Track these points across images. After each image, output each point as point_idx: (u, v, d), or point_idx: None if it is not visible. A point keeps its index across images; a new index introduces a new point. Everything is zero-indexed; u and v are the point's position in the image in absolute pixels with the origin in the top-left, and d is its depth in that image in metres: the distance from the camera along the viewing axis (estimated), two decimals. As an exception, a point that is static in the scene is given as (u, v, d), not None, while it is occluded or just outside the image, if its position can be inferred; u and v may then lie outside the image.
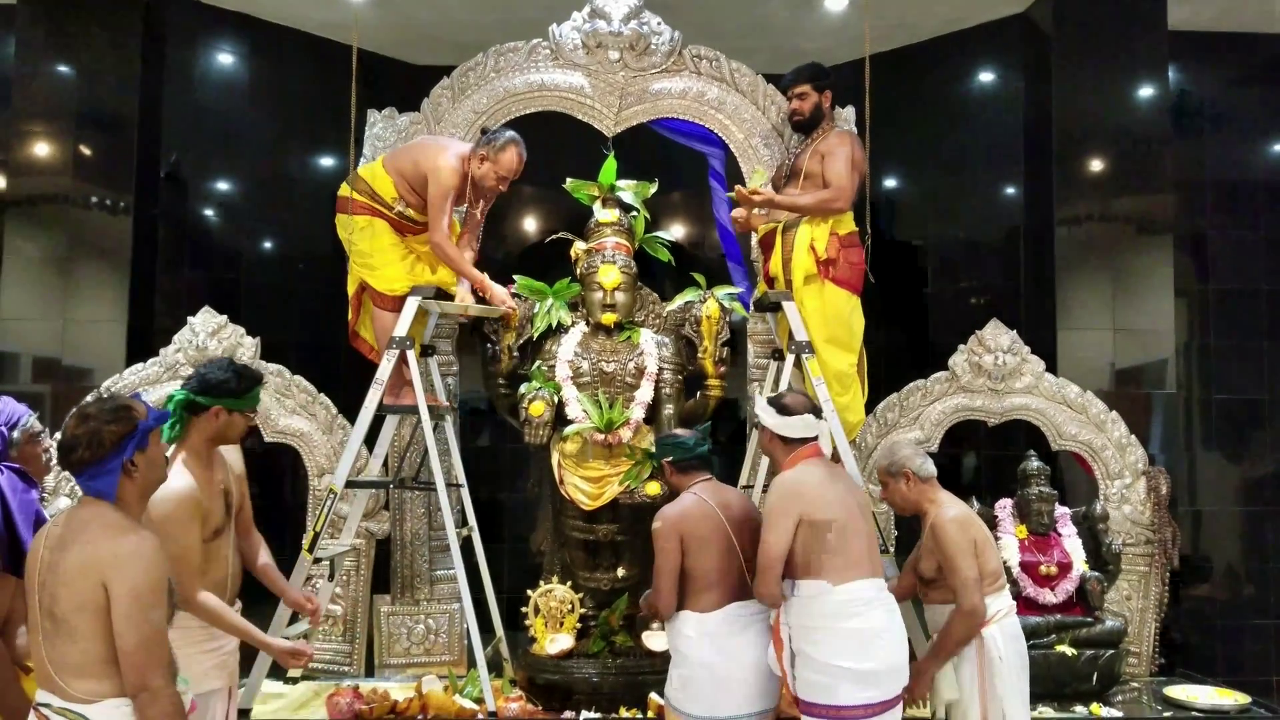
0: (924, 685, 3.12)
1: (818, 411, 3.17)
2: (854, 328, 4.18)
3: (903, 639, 2.96)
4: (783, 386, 3.97)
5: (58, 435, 2.33)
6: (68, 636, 2.13)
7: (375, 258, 4.07)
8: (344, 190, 4.11)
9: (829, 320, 4.11)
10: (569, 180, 4.41)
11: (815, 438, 3.12)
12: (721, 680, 2.99)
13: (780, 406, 3.12)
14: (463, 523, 4.25)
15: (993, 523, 4.30)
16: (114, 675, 2.13)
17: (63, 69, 5.01)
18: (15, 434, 2.77)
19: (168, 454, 2.45)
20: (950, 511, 3.16)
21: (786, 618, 2.93)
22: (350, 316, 4.32)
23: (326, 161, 5.82)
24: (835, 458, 3.76)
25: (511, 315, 4.21)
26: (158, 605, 2.15)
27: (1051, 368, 4.77)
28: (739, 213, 4.33)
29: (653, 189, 4.41)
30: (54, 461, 2.80)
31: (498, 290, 4.14)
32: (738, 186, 4.27)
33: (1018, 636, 3.17)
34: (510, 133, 4.11)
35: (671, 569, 3.08)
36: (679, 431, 3.46)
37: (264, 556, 3.07)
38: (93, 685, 2.13)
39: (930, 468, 3.28)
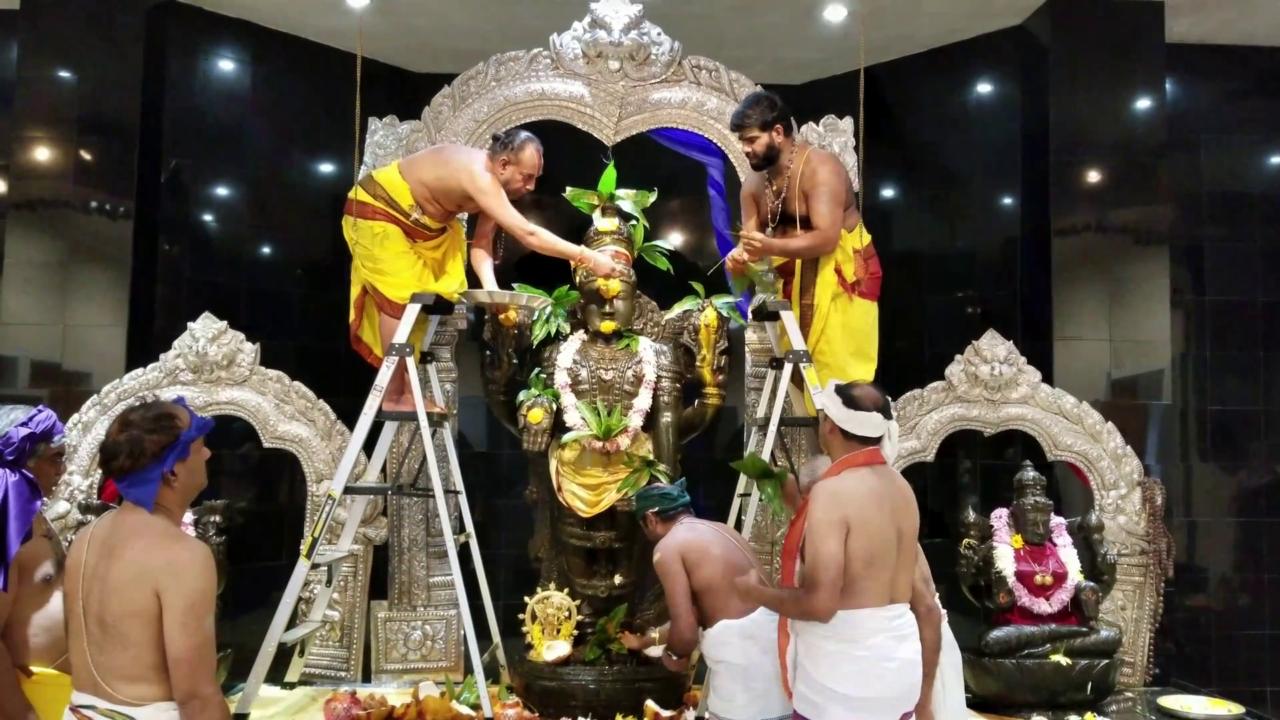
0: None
1: (887, 411, 2.81)
2: (873, 337, 4.17)
3: (911, 664, 2.74)
4: (780, 396, 3.99)
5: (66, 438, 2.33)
6: (118, 643, 2.14)
7: (387, 264, 4.06)
8: (358, 194, 4.07)
9: (855, 334, 4.10)
10: (569, 189, 4.43)
11: (879, 440, 2.80)
12: (771, 677, 2.99)
13: (848, 397, 2.79)
14: (460, 529, 4.26)
15: (989, 532, 4.33)
16: (163, 680, 2.14)
17: (64, 74, 5.02)
18: (42, 446, 2.79)
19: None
20: None
21: (793, 626, 2.86)
22: (352, 318, 4.31)
23: (327, 168, 5.84)
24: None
25: (606, 286, 4.21)
26: (209, 613, 2.18)
27: (1048, 378, 4.79)
28: (737, 253, 4.13)
29: (652, 198, 4.43)
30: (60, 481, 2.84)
31: (599, 257, 4.16)
32: (742, 234, 4.09)
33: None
34: (523, 132, 4.15)
35: (683, 590, 3.19)
36: (661, 484, 3.50)
37: None
38: (142, 690, 2.14)
39: None
